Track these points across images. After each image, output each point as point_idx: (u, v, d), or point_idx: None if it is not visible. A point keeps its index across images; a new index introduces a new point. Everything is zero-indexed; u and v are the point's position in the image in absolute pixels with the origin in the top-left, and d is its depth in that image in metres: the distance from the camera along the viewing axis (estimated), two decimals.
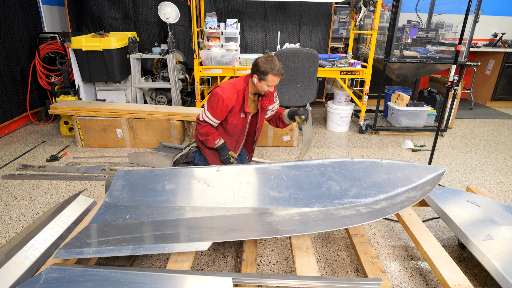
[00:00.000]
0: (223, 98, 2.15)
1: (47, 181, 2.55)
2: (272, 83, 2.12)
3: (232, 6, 4.37)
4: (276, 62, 2.07)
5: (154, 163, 2.82)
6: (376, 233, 2.03)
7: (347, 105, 3.75)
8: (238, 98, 2.23)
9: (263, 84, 2.13)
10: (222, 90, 2.17)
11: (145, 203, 1.72)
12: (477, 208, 1.72)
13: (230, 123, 2.30)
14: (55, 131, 3.64)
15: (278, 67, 2.07)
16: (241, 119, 2.31)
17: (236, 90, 2.22)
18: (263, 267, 1.74)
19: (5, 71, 3.41)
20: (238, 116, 2.29)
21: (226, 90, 2.18)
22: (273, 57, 2.11)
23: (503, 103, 5.23)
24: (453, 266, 1.35)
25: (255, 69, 2.12)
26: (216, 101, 2.17)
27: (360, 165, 1.88)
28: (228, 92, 2.18)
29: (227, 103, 2.17)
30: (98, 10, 4.21)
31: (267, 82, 2.11)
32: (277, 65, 2.07)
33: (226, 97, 2.16)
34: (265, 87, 2.14)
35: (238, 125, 2.33)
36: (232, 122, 2.30)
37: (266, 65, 2.05)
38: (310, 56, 3.21)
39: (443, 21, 4.13)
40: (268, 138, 3.34)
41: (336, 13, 4.52)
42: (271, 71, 2.05)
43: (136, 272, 1.21)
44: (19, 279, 1.29)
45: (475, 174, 2.82)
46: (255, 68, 2.12)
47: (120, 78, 3.70)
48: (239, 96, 2.24)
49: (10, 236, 1.91)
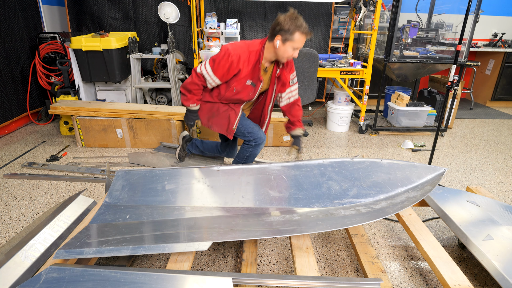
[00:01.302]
0: (230, 53, 1.84)
1: (47, 181, 2.55)
2: (298, 44, 1.82)
3: (232, 6, 4.37)
4: (301, 19, 1.79)
5: (154, 163, 2.82)
6: (376, 233, 2.03)
7: (347, 105, 3.75)
8: (249, 60, 1.88)
9: (288, 47, 1.82)
10: (231, 45, 1.87)
11: (145, 203, 1.72)
12: (477, 208, 1.72)
13: (232, 89, 1.96)
14: (55, 131, 3.64)
15: (304, 25, 1.78)
16: (247, 87, 1.96)
17: (248, 50, 1.88)
18: (263, 267, 1.74)
19: (5, 71, 3.41)
20: (244, 82, 1.93)
21: (236, 47, 1.86)
22: (297, 14, 1.81)
23: (503, 103, 5.23)
24: (453, 266, 1.35)
25: (278, 28, 1.80)
26: (222, 55, 1.87)
27: (360, 165, 1.88)
28: (238, 49, 1.86)
29: (233, 60, 1.84)
30: (98, 10, 4.21)
31: (293, 43, 1.80)
32: (304, 23, 1.79)
33: (234, 54, 1.84)
34: (289, 51, 1.84)
35: (240, 93, 1.98)
36: (235, 89, 1.95)
37: (291, 22, 1.77)
38: (310, 56, 3.21)
39: (443, 21, 4.13)
40: (268, 138, 3.34)
41: (336, 13, 4.52)
42: (298, 28, 1.77)
43: (136, 272, 1.21)
44: (19, 279, 1.29)
45: (475, 174, 2.82)
46: (277, 28, 1.81)
47: (120, 78, 3.70)
48: (251, 59, 1.88)
49: (10, 236, 1.91)
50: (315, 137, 3.68)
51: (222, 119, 2.12)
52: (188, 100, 2.07)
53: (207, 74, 1.94)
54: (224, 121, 2.11)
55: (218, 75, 1.92)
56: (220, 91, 2.04)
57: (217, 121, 2.14)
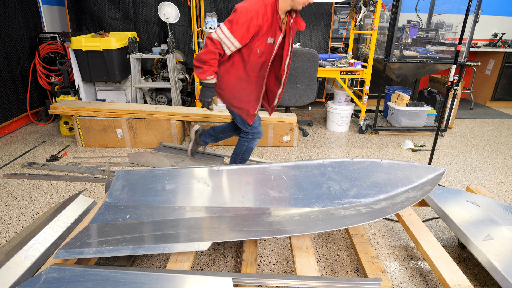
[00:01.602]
0: (248, 9, 1.71)
1: (47, 181, 2.55)
2: None
3: (232, 6, 4.37)
4: None
5: (154, 163, 2.82)
6: (376, 233, 2.03)
7: (347, 105, 3.75)
8: (266, 14, 1.76)
9: None
10: (245, 3, 1.75)
11: (145, 203, 1.72)
12: (477, 208, 1.72)
13: (255, 52, 1.83)
14: (55, 131, 3.64)
15: None
16: (268, 46, 1.85)
17: (264, 3, 1.76)
18: (263, 267, 1.74)
19: (5, 71, 3.41)
20: (265, 41, 1.81)
21: (251, 3, 1.75)
22: None
23: (503, 103, 5.23)
24: (453, 266, 1.35)
25: None
26: (239, 13, 1.72)
27: (360, 165, 1.88)
28: (254, 5, 1.73)
29: (252, 16, 1.71)
30: (98, 10, 4.22)
31: None
32: None
33: (252, 9, 1.71)
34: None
35: (264, 54, 1.86)
36: (258, 49, 1.82)
37: None
38: (310, 56, 3.21)
39: (443, 21, 4.13)
40: (268, 138, 3.34)
41: (336, 13, 4.53)
42: None
43: (136, 272, 1.21)
44: (19, 279, 1.29)
45: (475, 174, 2.82)
46: None
47: (120, 78, 3.70)
48: (268, 12, 1.76)
49: (10, 236, 1.91)
50: (315, 137, 3.68)
51: (245, 102, 2.04)
52: (204, 73, 1.88)
53: (225, 37, 1.78)
54: (246, 105, 2.04)
55: (237, 36, 1.76)
56: (243, 58, 1.90)
57: (240, 103, 2.04)
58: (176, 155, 2.93)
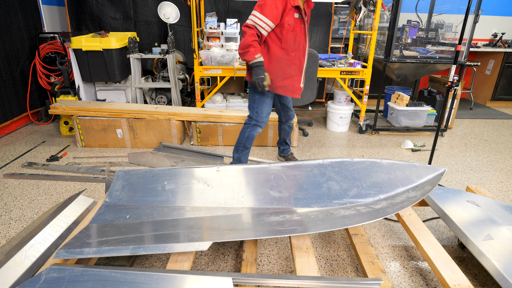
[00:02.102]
0: None
1: (47, 181, 2.55)
2: None
3: (232, 6, 4.37)
4: None
5: (154, 163, 2.82)
6: (376, 233, 2.03)
7: (347, 105, 3.75)
8: None
9: None
10: None
11: (145, 203, 1.72)
12: (477, 208, 1.72)
13: (287, 26, 2.05)
14: (55, 131, 3.64)
15: None
16: (296, 20, 2.08)
17: None
18: (263, 267, 1.74)
19: (5, 71, 3.41)
20: (293, 14, 2.04)
21: None
22: None
23: (503, 103, 5.23)
24: (453, 266, 1.35)
25: None
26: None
27: (360, 165, 1.88)
28: None
29: None
30: (98, 10, 4.22)
31: None
32: None
33: None
34: None
35: (295, 27, 2.08)
36: (289, 23, 2.04)
37: None
38: (310, 56, 3.21)
39: (443, 21, 4.13)
40: (268, 138, 3.34)
41: (336, 13, 4.53)
42: None
43: (136, 272, 1.21)
44: (19, 279, 1.29)
45: (475, 174, 2.82)
46: None
47: (120, 78, 3.70)
48: None
49: (10, 236, 1.91)
50: (315, 137, 3.68)
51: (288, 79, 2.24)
52: (252, 54, 2.05)
53: (259, 20, 1.99)
54: (290, 81, 2.26)
55: (269, 16, 1.98)
56: (277, 36, 2.10)
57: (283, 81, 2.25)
58: (176, 155, 2.93)
